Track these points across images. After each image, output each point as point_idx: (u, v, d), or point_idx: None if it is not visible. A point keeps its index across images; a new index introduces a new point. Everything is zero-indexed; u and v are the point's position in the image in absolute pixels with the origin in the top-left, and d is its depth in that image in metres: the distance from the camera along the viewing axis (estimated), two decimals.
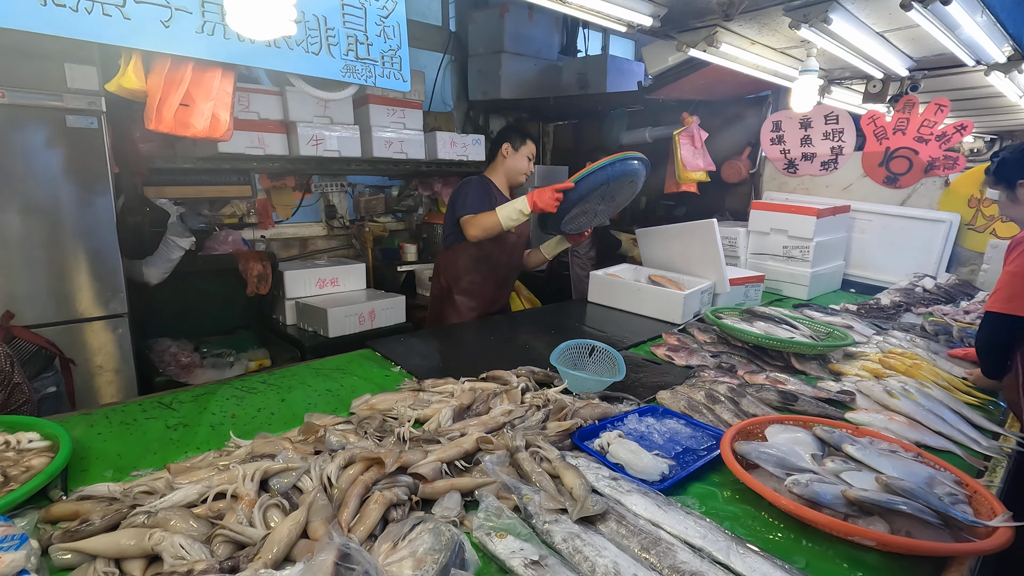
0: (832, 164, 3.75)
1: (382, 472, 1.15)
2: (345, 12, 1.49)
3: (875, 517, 1.08)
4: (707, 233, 2.78)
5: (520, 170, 2.71)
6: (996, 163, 1.89)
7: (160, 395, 1.63)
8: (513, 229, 2.55)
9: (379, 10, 1.56)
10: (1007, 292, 1.68)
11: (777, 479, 1.20)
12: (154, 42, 1.21)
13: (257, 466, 1.11)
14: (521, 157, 2.70)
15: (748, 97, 4.27)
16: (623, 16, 2.06)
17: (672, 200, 4.63)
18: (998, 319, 1.71)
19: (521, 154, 2.70)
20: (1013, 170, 1.83)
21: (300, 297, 3.50)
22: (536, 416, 1.49)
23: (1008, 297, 1.68)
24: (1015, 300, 1.66)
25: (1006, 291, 1.68)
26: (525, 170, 2.72)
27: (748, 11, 2.21)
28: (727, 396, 1.69)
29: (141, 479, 1.16)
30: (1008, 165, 1.85)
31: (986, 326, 1.79)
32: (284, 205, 3.94)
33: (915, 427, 1.54)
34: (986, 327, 1.79)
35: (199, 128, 1.33)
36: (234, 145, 2.96)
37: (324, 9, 1.45)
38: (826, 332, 2.24)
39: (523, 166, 2.71)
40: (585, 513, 1.08)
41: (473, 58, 4.77)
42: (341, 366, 1.92)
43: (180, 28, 1.23)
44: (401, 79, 1.62)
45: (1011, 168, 1.84)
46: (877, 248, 3.55)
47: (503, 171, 2.72)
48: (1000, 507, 1.10)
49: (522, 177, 2.74)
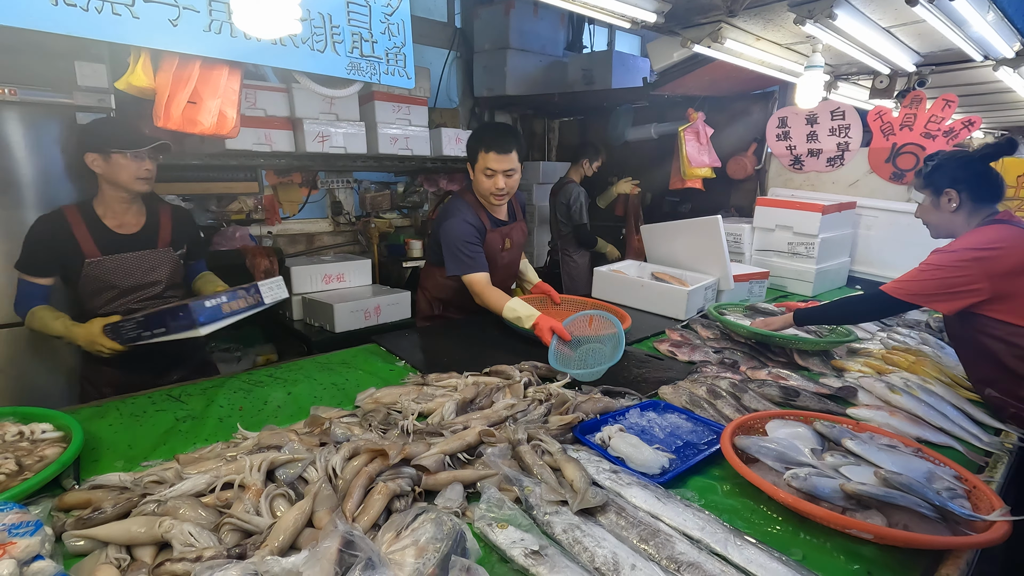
0: (838, 160, 3.73)
1: (386, 464, 1.17)
2: (350, 10, 1.50)
3: (873, 511, 1.09)
4: (712, 229, 2.78)
5: (484, 191, 2.24)
6: (932, 167, 1.90)
7: (169, 388, 1.66)
8: (509, 247, 2.42)
9: (384, 7, 1.57)
10: (907, 277, 1.80)
11: (776, 473, 1.21)
12: (162, 41, 1.23)
13: (264, 457, 1.14)
14: (479, 177, 2.21)
15: (754, 93, 4.25)
16: (627, 12, 2.06)
17: (677, 196, 4.63)
18: (885, 297, 1.82)
19: (478, 173, 2.21)
20: (945, 177, 1.85)
21: (306, 293, 3.53)
22: (538, 410, 1.50)
23: (908, 282, 1.78)
24: (904, 284, 1.78)
25: (911, 277, 1.78)
26: (490, 188, 2.20)
27: (752, 7, 2.21)
28: (729, 391, 1.70)
29: (151, 469, 1.19)
30: (942, 171, 1.86)
31: (875, 300, 1.89)
32: (290, 201, 3.97)
33: (916, 423, 1.54)
34: (876, 301, 1.90)
35: (206, 125, 1.35)
36: (241, 142, 2.99)
37: (329, 7, 1.46)
38: (829, 328, 2.25)
39: (484, 186, 2.21)
40: (585, 505, 1.10)
41: (478, 54, 4.78)
42: (346, 360, 1.95)
43: (188, 27, 1.25)
44: (406, 76, 1.64)
45: (944, 175, 1.85)
46: (883, 244, 3.53)
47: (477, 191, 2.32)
48: (999, 502, 1.11)
49: (494, 200, 2.25)
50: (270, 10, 1.00)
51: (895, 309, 1.87)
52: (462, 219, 2.24)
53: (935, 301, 1.75)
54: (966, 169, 1.83)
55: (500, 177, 2.18)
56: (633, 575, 0.93)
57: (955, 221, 1.85)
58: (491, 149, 2.14)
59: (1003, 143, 1.84)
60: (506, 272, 2.54)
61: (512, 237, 2.47)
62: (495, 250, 2.38)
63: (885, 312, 2.12)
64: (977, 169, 1.83)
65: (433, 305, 2.55)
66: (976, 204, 1.82)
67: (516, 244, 2.51)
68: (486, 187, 2.21)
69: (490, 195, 2.23)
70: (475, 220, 2.27)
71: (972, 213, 1.83)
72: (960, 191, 1.82)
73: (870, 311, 1.99)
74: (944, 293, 1.71)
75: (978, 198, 1.82)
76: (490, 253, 2.34)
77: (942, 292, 1.71)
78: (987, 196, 1.82)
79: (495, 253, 2.38)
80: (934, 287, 1.72)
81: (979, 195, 1.82)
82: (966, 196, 1.81)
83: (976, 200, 1.82)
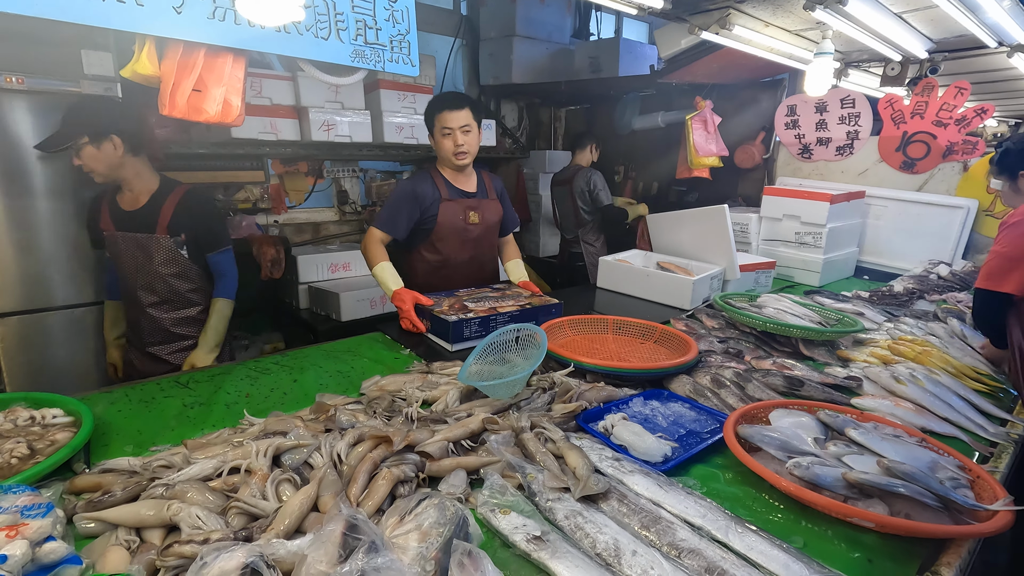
0: (848, 149, 3.69)
1: (390, 450, 1.18)
2: None
3: (875, 499, 1.09)
4: (718, 219, 2.76)
5: (446, 154, 2.29)
6: (1000, 153, 1.90)
7: (177, 375, 1.68)
8: (476, 220, 2.42)
9: None
10: (988, 268, 1.75)
11: (779, 462, 1.22)
12: (167, 28, 1.23)
13: (270, 442, 1.15)
14: (439, 140, 2.28)
15: (763, 81, 4.20)
16: None
17: (684, 186, 4.60)
18: (980, 294, 1.77)
19: (437, 136, 2.27)
20: (1016, 161, 1.83)
21: (313, 282, 3.55)
22: (542, 398, 1.51)
23: (987, 273, 1.75)
24: (993, 276, 1.72)
25: (988, 267, 1.75)
26: (451, 148, 2.26)
27: None
28: (733, 381, 1.70)
29: (160, 454, 1.21)
30: (1011, 156, 1.85)
31: (975, 301, 1.85)
32: (297, 190, 3.98)
33: (921, 413, 1.54)
34: (975, 302, 1.85)
35: (211, 113, 1.36)
36: (247, 130, 2.99)
37: None
38: (836, 319, 2.24)
39: (446, 148, 2.27)
40: (587, 492, 1.10)
41: (484, 42, 4.74)
42: (352, 348, 1.96)
43: (192, 14, 1.25)
44: (410, 64, 1.63)
45: (1014, 159, 1.83)
46: (892, 234, 3.50)
47: (441, 161, 2.38)
48: (1002, 491, 1.11)
49: (456, 159, 2.29)
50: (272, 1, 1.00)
51: (991, 301, 1.76)
52: (411, 183, 2.33)
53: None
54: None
55: (458, 134, 2.25)
56: (634, 560, 0.94)
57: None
58: (444, 108, 2.22)
59: None
60: (476, 248, 2.50)
61: (480, 212, 2.44)
62: (456, 221, 2.37)
63: (980, 307, 1.85)
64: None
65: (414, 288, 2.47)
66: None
67: (487, 222, 2.48)
68: (447, 148, 2.28)
69: (452, 155, 2.29)
70: (427, 188, 2.32)
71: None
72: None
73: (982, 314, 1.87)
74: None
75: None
76: (449, 224, 2.36)
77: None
78: None
79: (456, 225, 2.38)
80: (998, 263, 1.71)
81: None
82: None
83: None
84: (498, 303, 2.14)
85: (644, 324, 2.10)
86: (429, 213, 2.35)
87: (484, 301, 2.16)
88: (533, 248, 5.16)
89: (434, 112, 2.26)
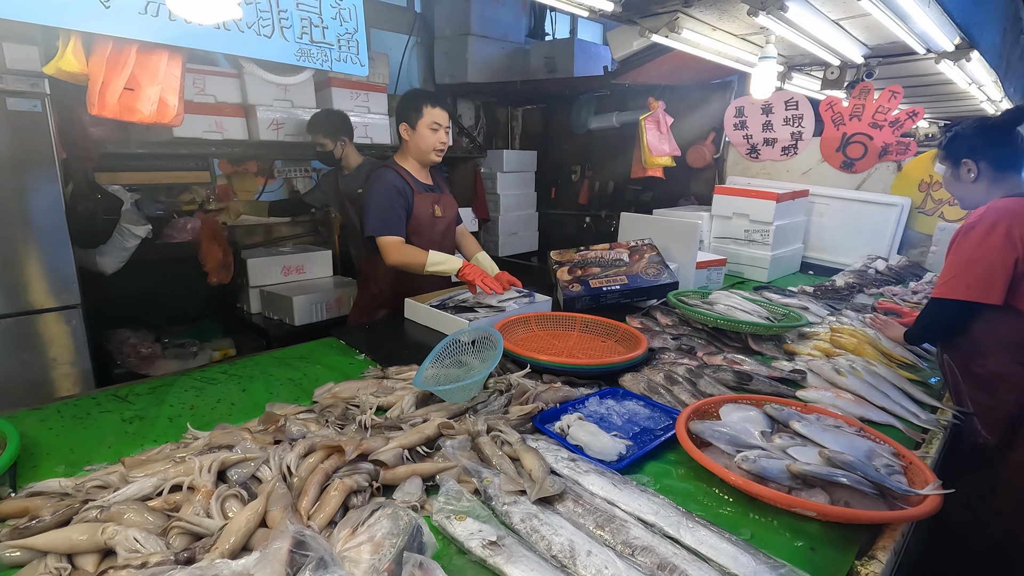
0: (792, 149, 3.84)
1: (343, 460, 1.16)
2: None
3: (817, 489, 1.14)
4: (689, 233, 2.84)
5: (428, 148, 2.32)
6: (948, 138, 1.88)
7: (115, 388, 1.60)
8: (440, 214, 2.47)
9: None
10: (957, 277, 1.72)
11: (728, 456, 1.25)
12: (94, 24, 1.16)
13: (214, 457, 1.11)
14: (423, 133, 2.30)
15: (713, 82, 4.32)
16: (585, 1, 2.06)
17: (639, 185, 4.68)
18: (943, 304, 1.78)
19: (422, 129, 2.30)
20: (960, 148, 1.82)
21: (265, 285, 3.44)
22: (499, 401, 1.51)
23: (958, 282, 1.72)
24: (971, 286, 1.69)
25: (957, 276, 1.72)
26: (435, 144, 2.32)
27: None
28: (685, 377, 1.74)
29: (95, 474, 1.14)
30: (958, 142, 1.84)
31: (931, 309, 1.87)
32: (246, 191, 3.84)
33: (860, 403, 1.61)
34: (931, 310, 1.87)
35: (145, 113, 1.29)
36: (190, 129, 2.87)
37: None
38: (783, 313, 2.32)
39: (429, 141, 2.31)
40: (543, 494, 1.11)
41: (439, 40, 4.70)
42: (304, 355, 1.91)
43: (121, 8, 1.18)
44: (359, 64, 1.59)
45: (959, 146, 1.83)
46: (834, 231, 3.66)
47: (410, 154, 2.39)
48: (932, 476, 1.18)
49: (435, 156, 2.35)
50: None
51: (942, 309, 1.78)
52: (388, 182, 2.31)
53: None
54: (983, 136, 1.76)
55: (443, 131, 2.32)
56: (589, 561, 0.95)
57: (978, 191, 1.79)
58: (436, 105, 2.29)
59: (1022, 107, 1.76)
60: (443, 241, 2.55)
61: (442, 206, 2.51)
62: (427, 215, 2.43)
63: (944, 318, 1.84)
64: (996, 136, 1.75)
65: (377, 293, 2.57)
66: (998, 172, 1.74)
67: (448, 216, 2.55)
68: (430, 142, 2.32)
69: (433, 150, 2.34)
70: (401, 183, 2.34)
71: (994, 182, 1.76)
72: (978, 160, 1.75)
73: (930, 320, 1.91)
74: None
75: (999, 166, 1.74)
76: (422, 218, 2.40)
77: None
78: (1009, 164, 1.74)
79: (427, 218, 2.42)
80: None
81: (999, 163, 1.74)
82: (985, 165, 1.75)
83: (997, 168, 1.74)
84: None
85: (609, 323, 2.14)
86: (408, 209, 2.38)
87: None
88: (492, 248, 5.15)
89: (424, 104, 2.29)
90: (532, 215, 5.35)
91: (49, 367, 2.44)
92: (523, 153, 5.20)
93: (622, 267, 2.63)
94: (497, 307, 2.22)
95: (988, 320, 1.74)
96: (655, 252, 2.70)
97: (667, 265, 2.62)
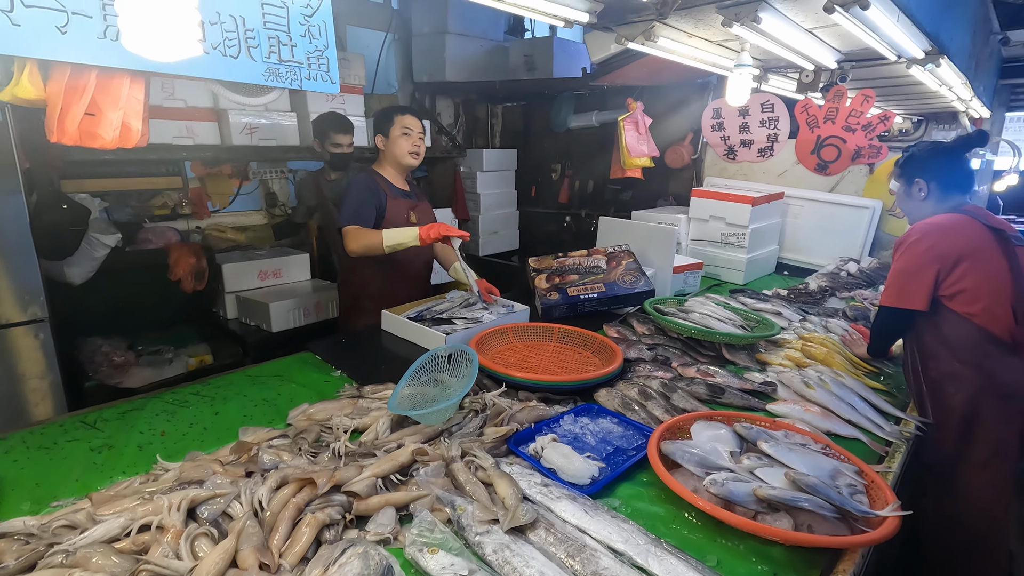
0: (768, 151, 3.89)
1: (315, 492, 1.16)
2: (265, 12, 1.41)
3: (782, 513, 1.17)
4: (666, 238, 2.86)
5: (402, 152, 2.44)
6: (905, 157, 2.01)
7: (84, 413, 1.57)
8: (415, 221, 2.50)
9: (303, 8, 1.49)
10: (895, 287, 1.85)
11: (698, 478, 1.28)
12: (50, 50, 1.12)
13: (183, 495, 1.10)
14: (396, 140, 2.43)
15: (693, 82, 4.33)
16: (559, 13, 2.05)
17: (618, 185, 4.70)
18: (887, 312, 1.89)
19: (395, 137, 2.43)
20: (915, 167, 1.95)
21: (241, 291, 3.39)
22: (474, 422, 1.52)
23: (896, 291, 1.85)
24: (903, 294, 1.82)
25: (894, 286, 1.85)
26: (409, 149, 2.43)
27: (682, 8, 2.23)
28: (659, 392, 1.76)
29: (61, 511, 1.13)
30: (914, 162, 1.96)
31: (879, 317, 1.98)
32: (220, 194, 3.77)
33: (827, 416, 1.66)
34: (879, 318, 1.98)
35: (107, 139, 1.25)
36: (160, 135, 2.81)
37: (242, 9, 1.37)
38: (757, 320, 2.37)
39: (403, 147, 2.43)
40: (516, 523, 1.12)
41: (417, 38, 4.63)
42: (279, 372, 1.90)
43: (79, 34, 1.15)
44: (329, 81, 1.57)
45: (915, 165, 1.95)
46: (809, 232, 3.73)
47: (387, 161, 2.51)
48: (891, 496, 1.22)
49: (411, 159, 2.46)
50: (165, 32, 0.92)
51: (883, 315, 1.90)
52: (362, 182, 2.44)
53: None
54: (937, 159, 1.91)
55: (416, 136, 2.45)
56: None
57: (924, 210, 1.94)
58: (405, 113, 2.46)
59: (974, 136, 1.93)
60: (416, 254, 2.59)
61: (418, 213, 2.58)
62: (400, 220, 2.49)
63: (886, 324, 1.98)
64: (946, 160, 1.91)
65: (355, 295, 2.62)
66: (944, 193, 1.90)
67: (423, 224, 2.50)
68: (403, 147, 2.44)
69: (407, 154, 2.45)
70: (375, 186, 2.44)
71: (940, 202, 1.91)
72: (929, 180, 1.89)
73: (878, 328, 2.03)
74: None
75: (946, 188, 1.90)
76: (395, 222, 2.44)
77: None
78: (955, 186, 1.90)
79: (401, 224, 2.45)
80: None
81: (947, 185, 1.89)
82: (935, 186, 1.89)
83: (944, 189, 1.90)
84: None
85: (585, 334, 2.15)
86: (380, 210, 2.43)
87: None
88: (473, 247, 5.14)
89: (394, 115, 2.45)
90: (512, 213, 5.34)
91: (17, 382, 2.39)
92: (503, 152, 5.17)
93: (599, 274, 2.65)
94: (474, 319, 2.22)
95: (934, 324, 1.85)
96: (632, 259, 2.72)
97: (644, 272, 2.65)
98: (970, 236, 1.78)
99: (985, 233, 1.80)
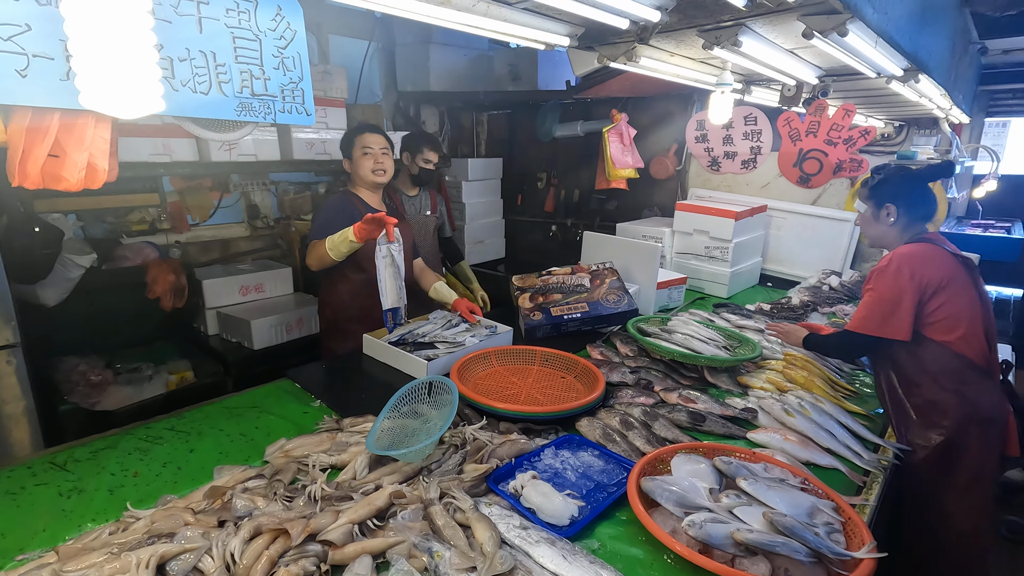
0: (751, 163, 3.91)
1: (289, 543, 1.14)
2: (237, 46, 1.39)
3: (760, 556, 1.17)
4: (650, 255, 2.87)
5: (366, 172, 2.47)
6: (878, 180, 2.01)
7: (53, 453, 1.53)
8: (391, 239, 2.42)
9: (276, 40, 1.46)
10: (877, 315, 1.85)
11: (677, 518, 1.28)
12: (10, 95, 1.09)
13: (152, 551, 1.07)
14: (359, 160, 2.46)
15: (677, 94, 4.34)
16: (539, 38, 2.03)
17: (603, 195, 4.70)
18: (864, 338, 1.89)
19: (357, 158, 2.47)
20: (887, 192, 1.95)
21: (221, 307, 3.34)
22: (453, 458, 1.51)
23: (863, 318, 1.88)
24: (886, 324, 1.83)
25: (876, 315, 1.85)
26: (372, 167, 2.46)
27: (663, 32, 2.23)
28: (641, 420, 1.77)
29: (26, 567, 1.10)
30: (886, 186, 1.97)
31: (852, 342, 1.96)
32: (200, 207, 3.70)
33: (807, 445, 1.67)
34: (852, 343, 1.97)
35: (72, 182, 1.22)
36: (136, 153, 2.75)
37: (212, 44, 1.34)
38: (739, 340, 2.38)
39: (366, 167, 2.46)
40: (493, 572, 1.11)
41: (400, 47, 4.60)
42: (257, 403, 1.87)
43: (40, 77, 1.11)
44: (304, 113, 1.54)
45: (887, 190, 1.96)
46: (792, 245, 3.76)
47: (356, 182, 2.55)
48: (868, 535, 1.22)
49: (375, 176, 2.47)
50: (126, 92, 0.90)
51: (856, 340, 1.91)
52: (335, 203, 2.51)
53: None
54: (908, 186, 1.94)
55: (377, 153, 2.47)
56: None
57: (890, 234, 1.97)
58: (363, 132, 2.50)
59: (943, 165, 1.98)
60: None
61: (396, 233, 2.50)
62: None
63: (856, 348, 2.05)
64: (917, 188, 1.94)
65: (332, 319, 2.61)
66: (911, 221, 1.94)
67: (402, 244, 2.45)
68: (366, 166, 2.47)
69: (371, 172, 2.47)
70: (349, 207, 2.46)
71: (906, 228, 1.94)
72: (899, 206, 1.92)
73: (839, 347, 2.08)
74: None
75: (914, 215, 1.93)
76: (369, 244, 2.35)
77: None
78: (922, 215, 1.95)
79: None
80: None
81: (915, 212, 1.93)
82: (903, 212, 1.92)
83: (911, 217, 1.93)
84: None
85: (568, 357, 2.15)
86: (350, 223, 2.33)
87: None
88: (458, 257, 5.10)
89: (352, 136, 2.50)
90: (499, 222, 5.32)
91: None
92: (488, 161, 5.15)
93: (583, 293, 2.64)
94: (457, 343, 2.21)
95: (913, 354, 1.86)
96: (616, 277, 2.72)
97: (627, 291, 2.65)
98: (945, 265, 1.80)
99: (955, 262, 1.83)
